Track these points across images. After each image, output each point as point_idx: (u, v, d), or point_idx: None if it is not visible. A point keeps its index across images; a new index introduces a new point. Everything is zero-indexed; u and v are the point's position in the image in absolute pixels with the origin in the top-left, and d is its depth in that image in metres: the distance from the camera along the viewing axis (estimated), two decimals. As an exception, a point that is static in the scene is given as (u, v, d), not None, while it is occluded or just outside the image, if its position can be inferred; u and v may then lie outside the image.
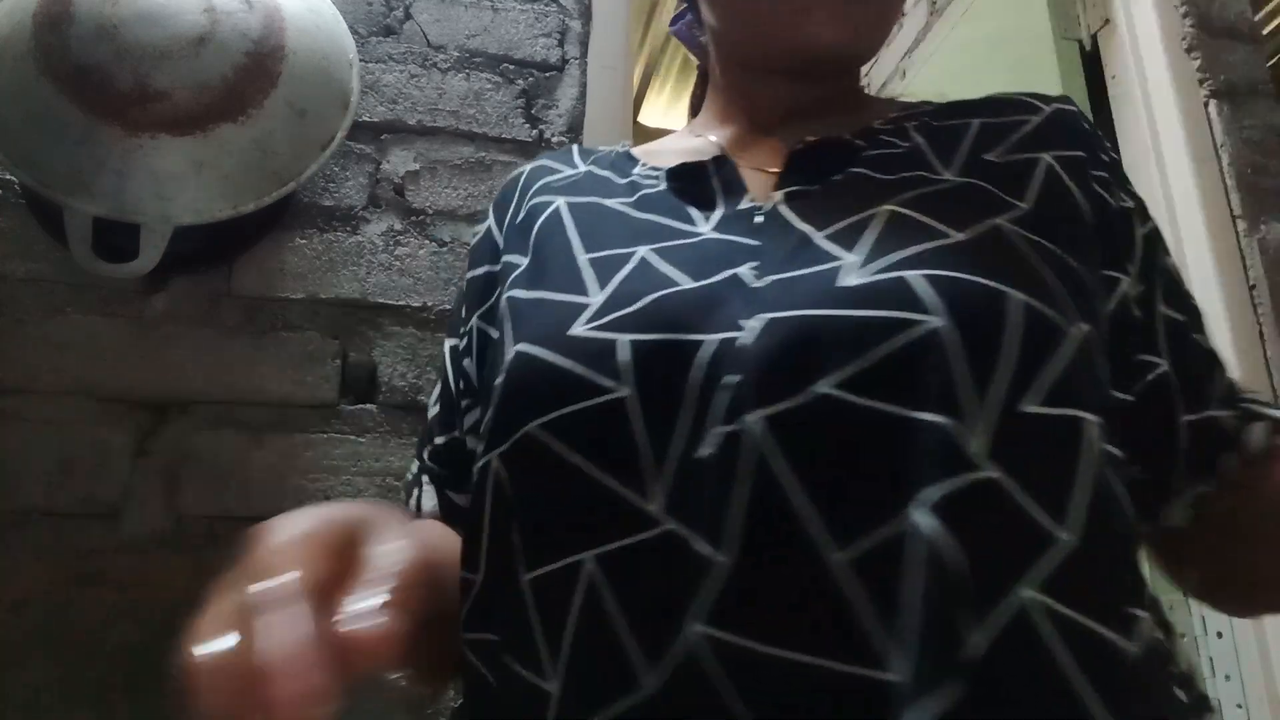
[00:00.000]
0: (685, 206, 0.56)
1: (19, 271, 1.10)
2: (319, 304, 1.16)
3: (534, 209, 0.61)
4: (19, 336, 1.07)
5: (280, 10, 1.08)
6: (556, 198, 0.60)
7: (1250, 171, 1.27)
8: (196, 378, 1.10)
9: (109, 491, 1.03)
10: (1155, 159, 1.32)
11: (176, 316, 1.12)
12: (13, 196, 1.13)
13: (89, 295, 1.10)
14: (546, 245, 0.57)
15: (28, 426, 1.03)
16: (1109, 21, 1.47)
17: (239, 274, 1.16)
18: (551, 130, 1.32)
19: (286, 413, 1.11)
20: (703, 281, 0.48)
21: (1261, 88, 1.34)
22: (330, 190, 1.22)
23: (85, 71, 0.98)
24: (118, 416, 1.07)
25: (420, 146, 1.27)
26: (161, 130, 0.99)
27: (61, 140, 0.98)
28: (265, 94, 1.04)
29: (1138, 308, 0.54)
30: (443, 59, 1.32)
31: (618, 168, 0.64)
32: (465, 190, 1.26)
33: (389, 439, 1.13)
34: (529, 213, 0.61)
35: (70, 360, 1.08)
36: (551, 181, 0.63)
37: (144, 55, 0.99)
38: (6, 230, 1.12)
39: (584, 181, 0.63)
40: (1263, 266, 1.21)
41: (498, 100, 1.31)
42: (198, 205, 1.01)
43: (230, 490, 1.06)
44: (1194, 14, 1.36)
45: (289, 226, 1.18)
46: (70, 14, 1.00)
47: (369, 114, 1.26)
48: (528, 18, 1.37)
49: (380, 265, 1.20)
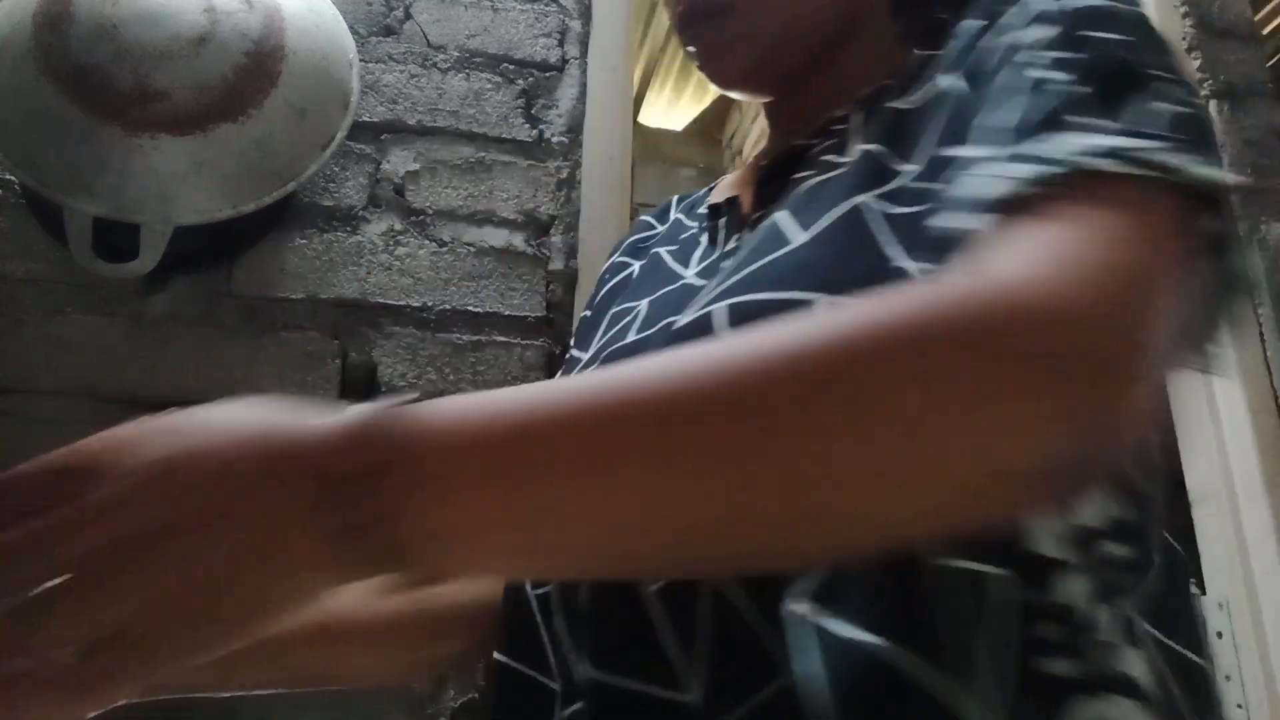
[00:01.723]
0: (694, 250, 0.57)
1: (19, 271, 1.10)
2: (319, 304, 1.16)
3: (615, 266, 0.66)
4: (19, 336, 1.07)
5: (280, 10, 1.08)
6: (634, 262, 0.64)
7: (1250, 171, 1.27)
8: (196, 378, 1.10)
9: (109, 491, 1.03)
10: (1155, 159, 1.32)
11: (176, 316, 1.12)
12: (13, 196, 1.13)
13: (89, 295, 1.10)
14: (609, 305, 0.60)
15: (28, 426, 1.03)
16: (1109, 21, 1.46)
17: (239, 274, 1.16)
18: (551, 130, 1.32)
19: (286, 413, 1.11)
20: (644, 333, 0.49)
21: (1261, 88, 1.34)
22: (330, 190, 1.22)
23: (85, 71, 0.98)
24: (118, 416, 1.06)
25: (420, 146, 1.27)
26: (161, 130, 0.99)
27: (61, 140, 0.98)
28: (265, 94, 1.04)
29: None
30: (443, 59, 1.32)
31: (695, 207, 0.65)
32: (465, 190, 1.26)
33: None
34: (612, 268, 0.66)
35: (70, 360, 1.08)
36: (638, 240, 0.67)
37: (144, 55, 0.99)
38: (6, 230, 1.12)
39: (666, 232, 0.65)
40: (1263, 266, 1.21)
41: (498, 100, 1.31)
42: (198, 205, 1.01)
43: (230, 490, 1.06)
44: (1194, 14, 1.36)
45: (289, 226, 1.18)
46: (70, 14, 1.00)
47: (369, 114, 1.26)
48: (528, 18, 1.37)
49: (380, 265, 1.20)
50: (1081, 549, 0.38)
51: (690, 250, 0.58)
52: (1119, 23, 0.42)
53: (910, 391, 0.29)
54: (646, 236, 0.68)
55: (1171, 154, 0.36)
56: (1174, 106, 0.39)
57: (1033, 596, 0.37)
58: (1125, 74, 0.40)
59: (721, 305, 0.43)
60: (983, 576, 0.36)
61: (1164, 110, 0.38)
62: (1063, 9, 0.43)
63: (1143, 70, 0.40)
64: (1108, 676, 0.37)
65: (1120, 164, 0.35)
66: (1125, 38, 0.42)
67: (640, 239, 0.68)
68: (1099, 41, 0.41)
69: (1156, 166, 0.35)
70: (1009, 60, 0.43)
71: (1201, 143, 0.38)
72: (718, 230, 0.57)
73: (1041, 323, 0.30)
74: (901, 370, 0.30)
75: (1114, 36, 0.41)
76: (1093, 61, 0.40)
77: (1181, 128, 0.37)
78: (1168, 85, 0.40)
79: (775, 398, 0.29)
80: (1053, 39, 0.42)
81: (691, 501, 0.30)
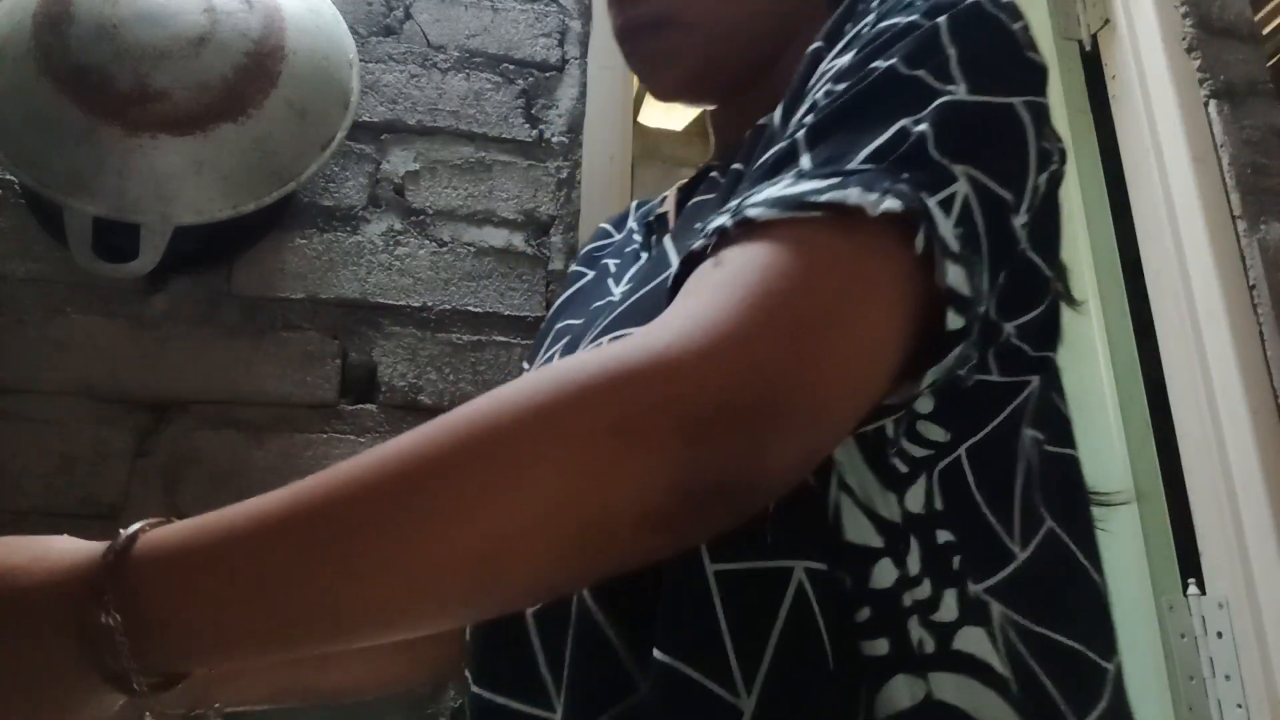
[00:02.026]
0: (631, 266, 0.59)
1: (19, 271, 1.10)
2: (319, 304, 1.16)
3: (572, 276, 0.67)
4: (19, 336, 1.07)
5: (280, 10, 1.08)
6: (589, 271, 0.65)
7: (1250, 171, 1.27)
8: (196, 378, 1.10)
9: (109, 491, 1.03)
10: (1155, 159, 1.32)
11: (176, 316, 1.12)
12: (13, 196, 1.13)
13: (89, 295, 1.10)
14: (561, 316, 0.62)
15: (28, 426, 1.03)
16: (1109, 21, 1.47)
17: (239, 274, 1.16)
18: (551, 130, 1.32)
19: (286, 413, 1.11)
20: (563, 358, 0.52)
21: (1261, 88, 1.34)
22: (330, 190, 1.22)
23: (85, 71, 0.98)
24: (118, 416, 1.07)
25: (420, 146, 1.27)
26: (161, 130, 0.99)
27: (61, 140, 0.98)
28: (265, 94, 1.04)
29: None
30: (443, 59, 1.32)
31: (649, 215, 0.66)
32: (465, 190, 1.26)
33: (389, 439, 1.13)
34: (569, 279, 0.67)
35: (70, 360, 1.08)
36: (594, 250, 0.68)
37: (144, 55, 0.99)
38: (6, 230, 1.12)
39: (619, 242, 0.66)
40: (1263, 266, 1.21)
41: (498, 100, 1.31)
42: (198, 205, 1.01)
43: (230, 490, 1.06)
44: (1194, 14, 1.36)
45: (289, 226, 1.18)
46: (70, 14, 1.00)
47: (369, 114, 1.26)
48: (528, 18, 1.37)
49: (380, 265, 1.20)
50: (904, 537, 0.40)
51: (628, 266, 0.59)
52: (909, 42, 0.42)
53: (546, 460, 0.33)
54: (602, 245, 0.68)
55: (838, 190, 0.36)
56: (883, 136, 0.39)
57: (852, 584, 0.39)
58: (852, 109, 0.41)
59: (599, 342, 0.46)
60: (786, 573, 0.38)
61: (865, 142, 0.39)
62: (873, 32, 0.44)
63: (881, 98, 0.40)
64: (940, 655, 0.39)
65: (778, 210, 0.37)
66: (903, 59, 0.41)
67: (596, 248, 0.69)
68: (866, 74, 0.42)
69: (818, 206, 0.36)
70: (810, 91, 0.45)
71: (900, 166, 0.38)
72: (650, 247, 0.58)
73: (669, 382, 0.33)
74: (537, 441, 0.33)
75: (883, 64, 0.41)
76: (842, 96, 0.41)
77: (879, 156, 0.38)
78: (905, 105, 0.40)
79: (421, 492, 0.33)
80: (840, 70, 0.43)
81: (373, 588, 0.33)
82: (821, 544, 0.39)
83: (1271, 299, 1.19)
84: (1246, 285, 1.21)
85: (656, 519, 0.33)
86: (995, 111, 0.41)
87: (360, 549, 0.32)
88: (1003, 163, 0.41)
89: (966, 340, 0.38)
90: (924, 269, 0.36)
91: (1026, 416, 0.46)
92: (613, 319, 0.47)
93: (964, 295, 0.37)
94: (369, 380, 1.15)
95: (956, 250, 0.37)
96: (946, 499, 0.42)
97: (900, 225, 0.36)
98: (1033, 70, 0.44)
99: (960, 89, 0.40)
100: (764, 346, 0.34)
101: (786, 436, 0.34)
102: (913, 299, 0.37)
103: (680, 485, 0.33)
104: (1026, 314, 0.45)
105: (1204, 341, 1.21)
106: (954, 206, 0.38)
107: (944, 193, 0.38)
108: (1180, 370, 1.25)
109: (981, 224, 0.38)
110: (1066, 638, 0.43)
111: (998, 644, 0.40)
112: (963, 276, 0.37)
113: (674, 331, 0.34)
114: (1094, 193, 1.45)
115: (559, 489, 0.32)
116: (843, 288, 0.36)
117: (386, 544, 0.32)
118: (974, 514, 0.43)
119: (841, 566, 0.39)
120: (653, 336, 0.34)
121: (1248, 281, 1.21)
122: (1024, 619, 0.41)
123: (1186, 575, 1.21)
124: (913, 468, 0.42)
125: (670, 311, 0.36)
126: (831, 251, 0.36)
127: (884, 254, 0.36)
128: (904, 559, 0.39)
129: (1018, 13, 0.45)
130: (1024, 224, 0.42)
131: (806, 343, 0.35)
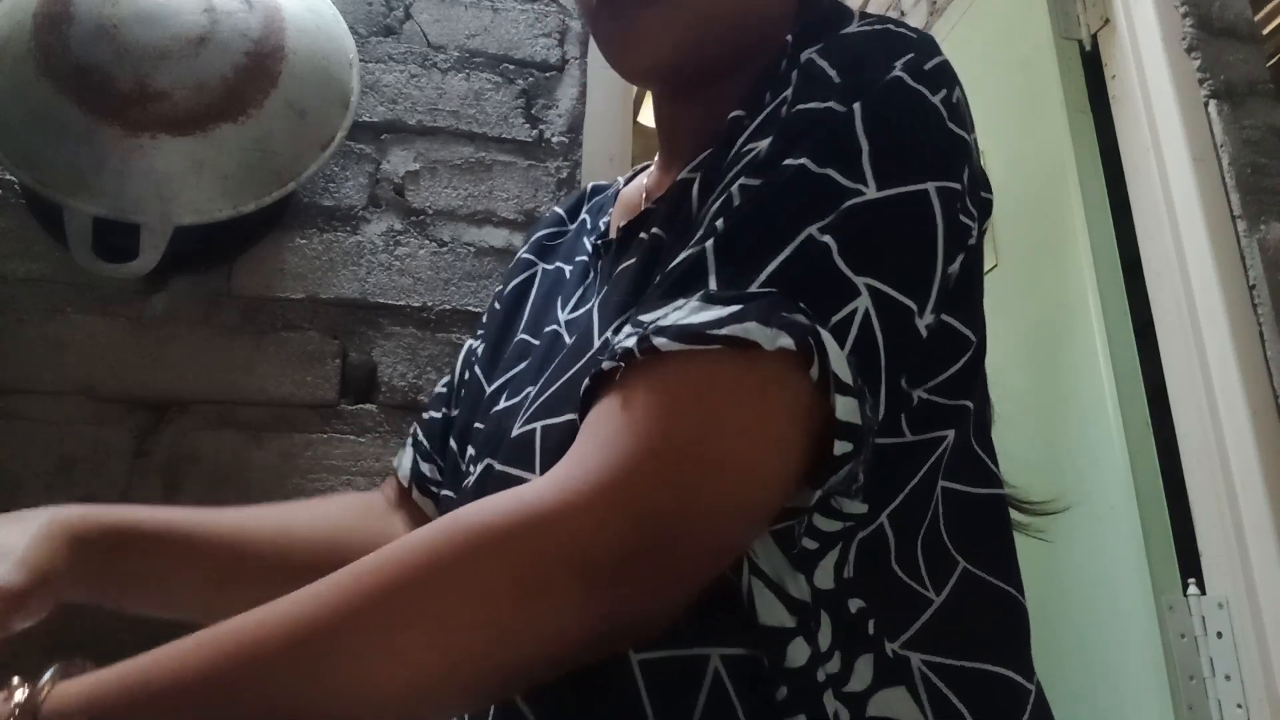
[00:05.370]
0: (579, 287, 0.59)
1: (19, 271, 1.10)
2: (319, 304, 1.16)
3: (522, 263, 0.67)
4: (19, 336, 1.07)
5: (280, 10, 1.08)
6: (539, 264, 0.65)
7: (1250, 171, 1.27)
8: (196, 378, 1.10)
9: (109, 491, 1.03)
10: (1155, 159, 1.32)
11: (176, 316, 1.12)
12: (13, 196, 1.13)
13: (89, 295, 1.10)
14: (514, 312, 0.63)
15: (28, 426, 1.03)
16: (1109, 21, 1.46)
17: (239, 274, 1.16)
18: (551, 130, 1.32)
19: (286, 413, 1.11)
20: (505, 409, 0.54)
21: (1261, 88, 1.34)
22: (330, 190, 1.22)
23: (85, 71, 0.98)
24: (118, 416, 1.07)
25: (420, 146, 1.27)
26: (161, 130, 0.99)
27: (61, 140, 0.98)
28: (265, 94, 1.04)
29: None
30: (443, 59, 1.32)
31: (602, 210, 0.65)
32: (465, 190, 1.26)
33: (389, 439, 1.13)
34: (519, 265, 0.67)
35: (70, 360, 1.08)
36: (545, 238, 0.68)
37: (144, 55, 0.99)
38: (6, 230, 1.12)
39: (570, 238, 0.66)
40: (1263, 266, 1.21)
41: (498, 100, 1.31)
42: (198, 205, 1.01)
43: (230, 490, 1.06)
44: (1194, 14, 1.36)
45: (289, 226, 1.18)
46: (70, 14, 1.00)
47: (369, 114, 1.26)
48: (528, 18, 1.37)
49: (380, 265, 1.20)
50: (815, 615, 0.41)
51: (575, 286, 0.59)
52: (822, 133, 0.42)
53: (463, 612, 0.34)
54: (553, 235, 0.68)
55: (736, 323, 0.36)
56: (787, 250, 0.39)
57: (769, 664, 0.39)
58: (759, 216, 0.40)
59: (535, 427, 0.47)
60: (703, 660, 0.40)
61: (769, 258, 0.39)
62: (790, 116, 0.43)
63: (789, 200, 0.40)
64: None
65: (681, 343, 0.37)
66: (814, 156, 0.41)
67: (547, 236, 0.68)
68: (778, 173, 0.41)
69: (718, 340, 0.36)
70: (725, 181, 0.44)
71: (802, 287, 0.38)
72: (596, 270, 0.58)
73: (572, 533, 0.35)
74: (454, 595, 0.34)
75: (793, 163, 0.41)
76: (754, 199, 0.41)
77: (781, 276, 0.38)
78: (813, 207, 0.40)
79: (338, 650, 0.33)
80: (756, 161, 0.43)
81: None
82: (736, 629, 0.40)
83: (1271, 299, 1.19)
84: (1246, 285, 1.21)
85: (570, 655, 0.36)
86: (903, 208, 0.41)
87: (285, 705, 0.33)
88: (907, 268, 0.41)
89: (855, 459, 0.39)
90: (822, 390, 0.37)
91: (943, 470, 0.46)
92: (543, 402, 0.48)
93: (853, 424, 0.37)
94: (369, 380, 1.15)
95: (849, 382, 0.37)
96: (860, 566, 0.43)
97: (797, 355, 0.37)
98: (954, 146, 0.44)
99: (869, 189, 0.40)
100: (661, 496, 0.35)
101: (684, 574, 0.37)
102: (811, 421, 0.38)
103: (591, 628, 0.35)
104: (942, 374, 0.46)
105: (1204, 342, 1.21)
106: (852, 326, 0.38)
107: (844, 311, 0.38)
108: (1180, 371, 1.25)
109: (881, 337, 0.39)
110: (990, 664, 0.44)
111: (919, 695, 0.41)
112: (853, 407, 0.37)
113: (577, 481, 0.36)
114: (1094, 193, 1.45)
115: (477, 641, 0.34)
116: (740, 426, 0.37)
117: (313, 698, 0.33)
118: (886, 575, 0.44)
119: (759, 648, 0.39)
120: (556, 485, 0.36)
121: (1248, 281, 1.21)
122: (946, 658, 0.43)
123: (1186, 575, 1.21)
124: (824, 542, 0.42)
125: (571, 457, 0.37)
126: (730, 388, 0.37)
127: (781, 384, 0.37)
128: (815, 636, 0.40)
129: (944, 79, 0.45)
130: (929, 324, 0.42)
131: (704, 488, 0.36)
